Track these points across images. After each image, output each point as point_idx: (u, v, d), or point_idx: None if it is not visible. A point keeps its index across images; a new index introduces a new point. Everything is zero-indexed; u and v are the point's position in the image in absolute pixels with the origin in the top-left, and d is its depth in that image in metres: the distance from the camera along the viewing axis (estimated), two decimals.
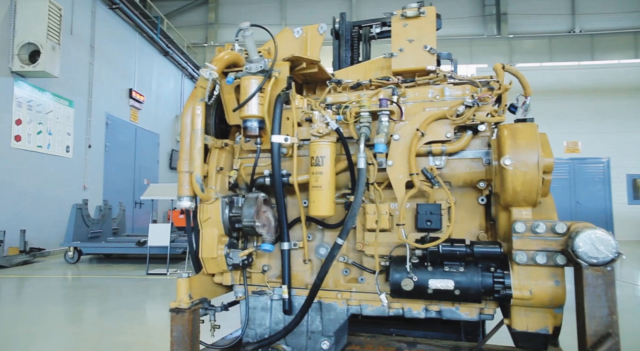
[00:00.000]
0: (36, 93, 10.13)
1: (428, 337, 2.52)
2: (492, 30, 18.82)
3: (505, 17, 18.59)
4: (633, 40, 17.75)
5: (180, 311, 2.00)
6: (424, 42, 2.28)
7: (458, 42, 18.54)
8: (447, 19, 18.61)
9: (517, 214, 1.84)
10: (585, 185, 16.33)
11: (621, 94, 16.20)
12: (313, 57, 2.37)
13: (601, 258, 1.62)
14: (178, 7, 20.16)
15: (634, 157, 16.06)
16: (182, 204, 1.99)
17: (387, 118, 2.02)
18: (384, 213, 2.03)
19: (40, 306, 5.56)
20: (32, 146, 10.00)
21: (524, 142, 1.76)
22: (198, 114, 1.99)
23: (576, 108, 16.35)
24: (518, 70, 2.11)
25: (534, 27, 18.54)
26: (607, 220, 16.00)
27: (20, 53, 9.10)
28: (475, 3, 19.14)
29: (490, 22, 18.89)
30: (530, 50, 18.59)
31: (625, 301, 6.21)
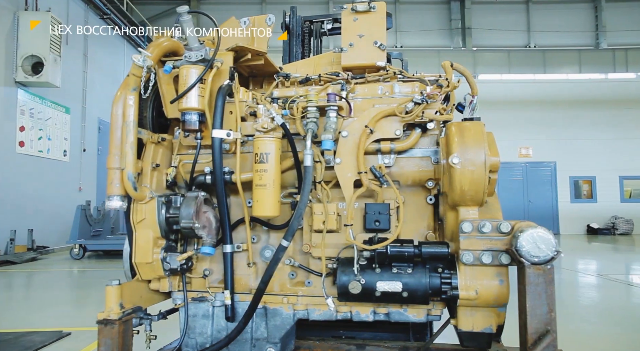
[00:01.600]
0: (37, 102, 11.20)
1: (377, 338, 2.57)
2: (458, 43, 20.39)
3: (470, 31, 20.21)
4: (577, 57, 19.85)
5: (109, 322, 1.91)
6: (374, 38, 2.31)
7: (427, 53, 20.03)
8: (417, 31, 20.30)
9: (464, 214, 1.90)
10: (535, 186, 18.44)
11: (566, 105, 18.56)
12: (260, 48, 2.35)
13: (542, 256, 1.71)
14: (162, 11, 19.84)
15: (576, 161, 18.40)
16: (112, 204, 1.90)
17: (335, 114, 2.03)
18: (331, 213, 2.04)
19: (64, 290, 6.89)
20: (34, 151, 11.09)
21: (471, 141, 1.83)
22: (130, 105, 1.90)
23: (529, 117, 18.42)
24: (466, 69, 2.20)
25: (495, 41, 20.29)
26: (554, 216, 18.23)
27: (23, 64, 10.17)
28: (443, 17, 20.72)
29: (456, 35, 20.46)
30: (491, 62, 20.32)
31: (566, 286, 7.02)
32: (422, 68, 12.99)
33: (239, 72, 2.37)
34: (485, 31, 20.20)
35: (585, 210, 18.27)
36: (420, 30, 20.26)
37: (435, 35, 20.52)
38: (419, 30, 20.26)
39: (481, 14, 20.15)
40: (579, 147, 18.34)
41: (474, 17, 20.21)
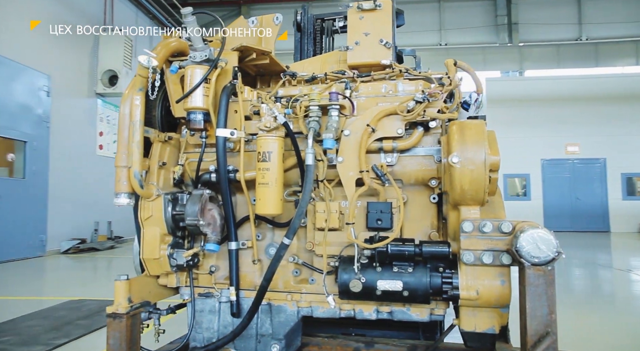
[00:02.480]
0: (112, 110, 12.98)
1: (387, 337, 2.60)
2: (504, 39, 20.20)
3: (517, 26, 20.00)
4: (634, 49, 19.33)
5: (118, 316, 2.00)
6: (380, 36, 2.33)
7: (471, 51, 20.10)
8: (462, 28, 20.19)
9: (465, 213, 1.91)
10: (584, 183, 17.88)
11: (619, 100, 17.82)
12: (266, 48, 2.40)
13: (542, 257, 1.71)
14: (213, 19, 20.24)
15: (629, 157, 17.76)
16: (119, 201, 1.99)
17: (337, 113, 2.06)
18: (333, 212, 2.08)
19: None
20: (110, 153, 12.67)
21: (471, 140, 1.83)
22: (137, 105, 1.98)
23: (577, 113, 17.85)
24: (470, 67, 2.19)
25: (543, 35, 19.96)
26: (604, 214, 17.68)
27: (102, 78, 12.14)
28: (488, 13, 20.58)
29: (502, 31, 20.28)
30: (539, 57, 20.06)
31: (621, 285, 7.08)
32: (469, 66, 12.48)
33: (246, 72, 2.43)
34: (533, 26, 19.94)
35: (639, 207, 17.58)
36: (465, 28, 20.21)
37: (480, 32, 20.44)
38: (464, 28, 20.20)
39: (528, 8, 19.82)
40: (632, 142, 17.68)
41: (520, 12, 19.98)
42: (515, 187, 18.25)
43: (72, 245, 10.74)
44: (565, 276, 7.60)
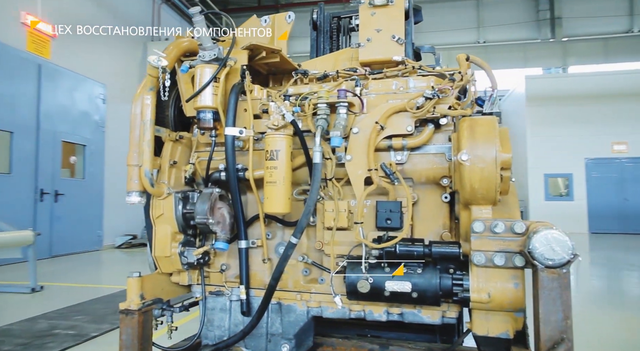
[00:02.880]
0: None
1: (403, 339, 2.57)
2: (546, 34, 19.75)
3: (560, 20, 19.50)
4: None
5: (130, 312, 2.05)
6: (392, 32, 2.30)
7: (511, 48, 19.74)
8: (501, 25, 19.87)
9: (476, 213, 1.86)
10: (633, 183, 16.97)
11: None
12: (279, 46, 2.41)
13: (557, 259, 1.63)
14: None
15: None
16: (131, 199, 2.03)
17: (346, 111, 2.04)
18: (342, 211, 2.06)
19: None
20: None
21: (482, 137, 1.77)
22: (147, 104, 2.03)
23: (625, 110, 16.94)
24: (484, 62, 2.13)
25: (589, 29, 19.35)
26: None
27: None
28: (529, 8, 20.16)
29: (544, 26, 19.83)
30: (584, 52, 19.47)
31: None
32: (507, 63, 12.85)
33: (257, 71, 2.44)
34: (578, 19, 19.37)
35: None
36: (505, 24, 19.91)
37: (520, 28, 20.06)
38: (503, 24, 19.91)
39: (573, 2, 19.23)
40: None
41: (564, 6, 19.42)
42: (556, 187, 17.59)
43: (125, 240, 11.76)
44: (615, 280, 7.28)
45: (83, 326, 4.48)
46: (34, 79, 9.45)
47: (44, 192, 9.57)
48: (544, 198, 17.11)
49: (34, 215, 9.28)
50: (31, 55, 9.41)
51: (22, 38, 9.24)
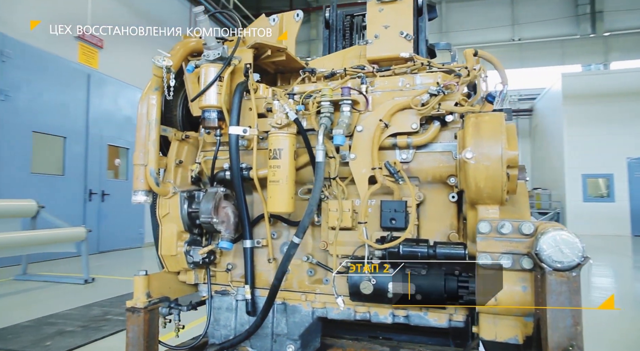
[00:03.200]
0: None
1: (415, 342, 2.52)
2: (586, 29, 19.22)
3: (601, 14, 18.90)
4: None
5: (136, 310, 2.08)
6: (401, 28, 2.25)
7: (548, 44, 19.30)
8: (537, 22, 19.40)
9: (483, 213, 1.80)
10: None
11: None
12: (287, 44, 2.41)
13: (566, 262, 1.56)
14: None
15: None
16: (137, 199, 2.07)
17: (349, 108, 2.01)
18: (346, 210, 2.03)
19: None
20: None
21: (487, 134, 1.72)
22: (153, 104, 2.06)
23: None
24: (493, 57, 2.06)
25: (633, 22, 18.66)
26: None
27: None
28: (568, 3, 19.68)
29: (583, 21, 19.28)
30: (628, 47, 18.79)
31: None
32: (543, 61, 12.47)
33: (265, 70, 2.44)
34: (621, 13, 18.74)
35: None
36: (541, 21, 19.46)
37: (558, 24, 19.56)
38: (539, 21, 19.48)
39: None
40: None
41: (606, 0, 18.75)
42: (596, 188, 16.93)
43: None
44: None
45: None
46: (84, 87, 10.18)
47: (92, 192, 10.23)
48: (583, 200, 16.51)
49: (84, 214, 9.93)
50: (82, 66, 10.15)
51: (75, 50, 9.97)
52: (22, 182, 8.42)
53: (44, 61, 9.03)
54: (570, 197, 16.51)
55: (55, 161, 9.51)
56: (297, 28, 2.53)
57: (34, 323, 4.45)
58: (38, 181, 8.81)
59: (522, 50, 20.23)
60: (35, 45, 8.65)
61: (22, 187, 8.27)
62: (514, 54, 20.25)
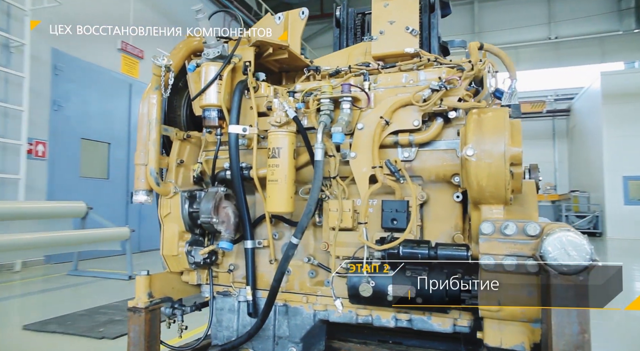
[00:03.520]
0: None
1: (424, 347, 2.46)
2: (629, 25, 18.48)
3: None
4: None
5: (137, 310, 2.09)
6: (406, 24, 2.20)
7: (587, 42, 18.75)
8: (576, 19, 18.73)
9: (486, 213, 1.73)
10: None
11: None
12: (292, 43, 2.39)
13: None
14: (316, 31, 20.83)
15: None
16: (138, 198, 2.08)
17: (350, 106, 1.97)
18: (347, 211, 1.99)
19: None
20: None
21: (490, 130, 1.65)
22: (153, 103, 2.06)
23: None
24: (501, 50, 1.98)
25: None
26: None
27: None
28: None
29: (627, 17, 18.57)
30: None
31: None
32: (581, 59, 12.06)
33: (269, 68, 2.43)
34: None
35: None
36: (580, 17, 18.78)
37: (598, 21, 18.82)
38: (578, 18, 18.79)
39: None
40: None
41: None
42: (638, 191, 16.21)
43: None
44: None
45: None
46: (126, 96, 10.71)
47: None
48: (624, 203, 15.84)
49: (126, 215, 10.40)
50: (124, 76, 10.65)
51: (118, 61, 10.47)
52: (73, 185, 8.96)
53: (91, 73, 9.58)
54: (610, 200, 15.87)
55: (101, 166, 10.07)
56: (302, 26, 2.51)
57: (87, 312, 4.85)
58: (86, 184, 9.35)
59: (559, 49, 19.61)
60: (83, 58, 9.21)
61: (72, 189, 8.79)
62: (551, 52, 19.67)
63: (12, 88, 7.74)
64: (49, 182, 8.47)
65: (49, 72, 8.55)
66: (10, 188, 7.61)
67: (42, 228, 6.74)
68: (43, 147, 8.35)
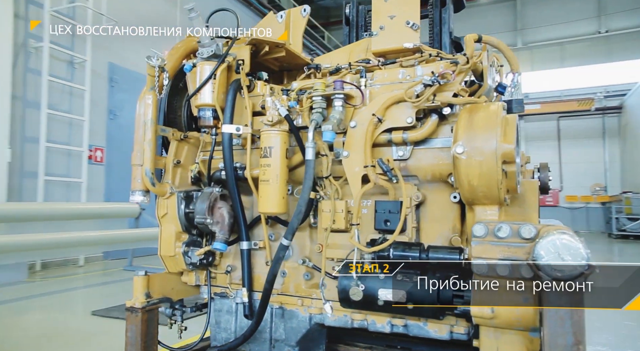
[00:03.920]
0: None
1: None
2: None
3: None
4: None
5: (134, 310, 2.12)
6: (407, 18, 2.14)
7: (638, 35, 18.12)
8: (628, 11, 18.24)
9: (480, 214, 1.65)
10: None
11: None
12: (294, 41, 2.38)
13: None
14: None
15: None
16: (134, 198, 2.11)
17: (342, 103, 1.93)
18: (339, 211, 1.94)
19: None
20: None
21: (480, 126, 1.57)
22: (149, 104, 2.09)
23: None
24: (501, 42, 1.89)
25: None
26: None
27: None
28: None
29: None
30: None
31: None
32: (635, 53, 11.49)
33: (269, 67, 2.42)
34: None
35: None
36: (633, 9, 18.12)
37: None
38: (631, 9, 18.14)
39: None
40: None
41: None
42: None
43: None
44: None
45: None
46: None
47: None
48: None
49: None
50: None
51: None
52: (127, 188, 9.36)
53: (141, 83, 9.91)
54: None
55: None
56: (303, 24, 2.49)
57: None
58: None
59: (610, 43, 18.81)
60: (134, 69, 9.68)
61: (126, 192, 9.18)
62: (600, 47, 18.91)
63: (75, 100, 8.47)
64: (106, 185, 9.08)
65: (106, 84, 9.26)
66: (74, 190, 8.34)
67: (101, 227, 7.50)
68: (101, 152, 9.04)
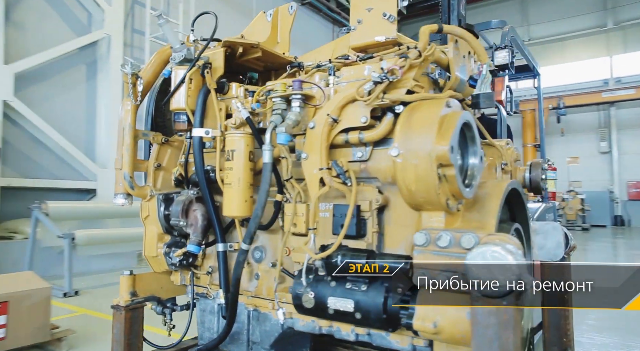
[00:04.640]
0: None
1: None
2: None
3: None
4: None
5: (118, 308, 2.24)
6: (383, 9, 2.04)
7: None
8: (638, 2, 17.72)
9: (426, 221, 1.55)
10: None
11: None
12: (282, 39, 2.37)
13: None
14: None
15: None
16: (117, 201, 2.22)
17: (299, 104, 1.89)
18: (300, 215, 1.91)
19: None
20: None
21: (417, 126, 1.47)
22: (127, 110, 2.18)
23: None
24: (465, 32, 1.74)
25: None
26: None
27: None
28: None
29: None
30: None
31: None
32: None
33: (253, 68, 2.43)
34: None
35: None
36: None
37: None
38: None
39: None
40: None
41: None
42: None
43: None
44: None
45: None
46: None
47: None
48: None
49: None
50: None
51: None
52: None
53: None
54: None
55: None
56: (291, 21, 2.47)
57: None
58: None
59: (619, 36, 18.40)
60: None
61: None
62: (614, 40, 18.47)
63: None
64: None
65: None
66: None
67: None
68: None
